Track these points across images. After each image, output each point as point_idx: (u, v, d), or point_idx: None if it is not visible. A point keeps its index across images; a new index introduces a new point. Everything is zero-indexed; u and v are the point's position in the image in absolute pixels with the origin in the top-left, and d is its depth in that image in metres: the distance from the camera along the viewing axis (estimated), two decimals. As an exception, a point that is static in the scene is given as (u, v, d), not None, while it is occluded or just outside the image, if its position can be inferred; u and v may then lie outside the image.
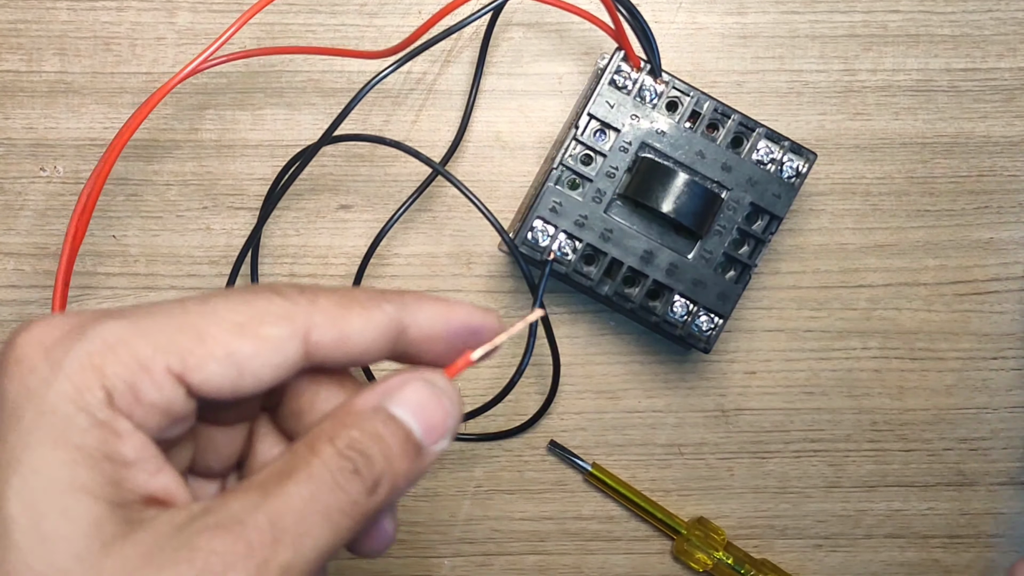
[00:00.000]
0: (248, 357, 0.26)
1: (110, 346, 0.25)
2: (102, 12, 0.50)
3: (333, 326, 0.28)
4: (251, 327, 0.27)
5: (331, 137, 0.46)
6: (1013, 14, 0.50)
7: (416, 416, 0.28)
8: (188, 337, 0.26)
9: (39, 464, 0.24)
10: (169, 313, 0.26)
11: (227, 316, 0.27)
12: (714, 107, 0.45)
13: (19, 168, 0.50)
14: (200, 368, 0.26)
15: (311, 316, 0.27)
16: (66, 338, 0.26)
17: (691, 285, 0.45)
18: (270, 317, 0.27)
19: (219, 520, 0.25)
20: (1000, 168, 0.50)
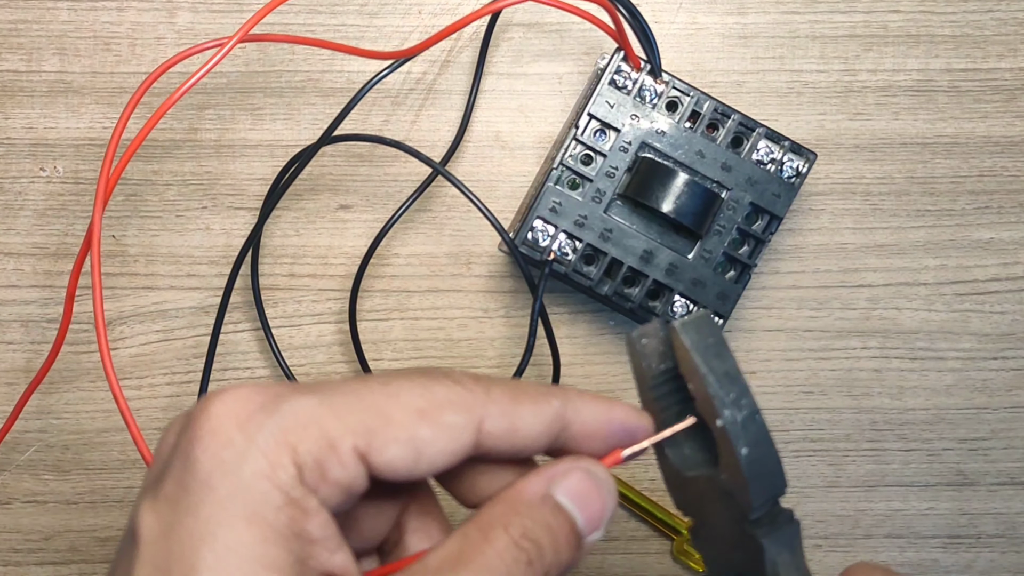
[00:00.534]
0: (427, 442, 0.27)
1: (302, 423, 0.26)
2: (102, 12, 0.50)
3: (505, 417, 0.28)
4: (432, 413, 0.27)
5: (331, 137, 0.46)
6: (1014, 14, 0.50)
7: (579, 507, 0.29)
8: (374, 418, 0.27)
9: (233, 540, 0.25)
10: (355, 393, 0.27)
11: (410, 401, 0.27)
12: (714, 107, 0.45)
13: (19, 168, 0.50)
14: (383, 450, 0.27)
15: (486, 406, 0.28)
16: (260, 412, 0.26)
17: (691, 285, 0.45)
18: (450, 405, 0.27)
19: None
20: (1000, 168, 0.50)
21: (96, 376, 0.50)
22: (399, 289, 0.50)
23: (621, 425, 0.30)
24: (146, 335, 0.50)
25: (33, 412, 0.50)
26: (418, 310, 0.50)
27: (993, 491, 0.51)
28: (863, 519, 0.51)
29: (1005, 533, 0.51)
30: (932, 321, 0.51)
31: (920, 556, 0.51)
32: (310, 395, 0.27)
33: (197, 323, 0.50)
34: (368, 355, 0.50)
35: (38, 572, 0.50)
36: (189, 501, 0.25)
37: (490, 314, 0.50)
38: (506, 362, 0.50)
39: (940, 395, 0.51)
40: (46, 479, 0.50)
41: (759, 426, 0.29)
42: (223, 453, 0.25)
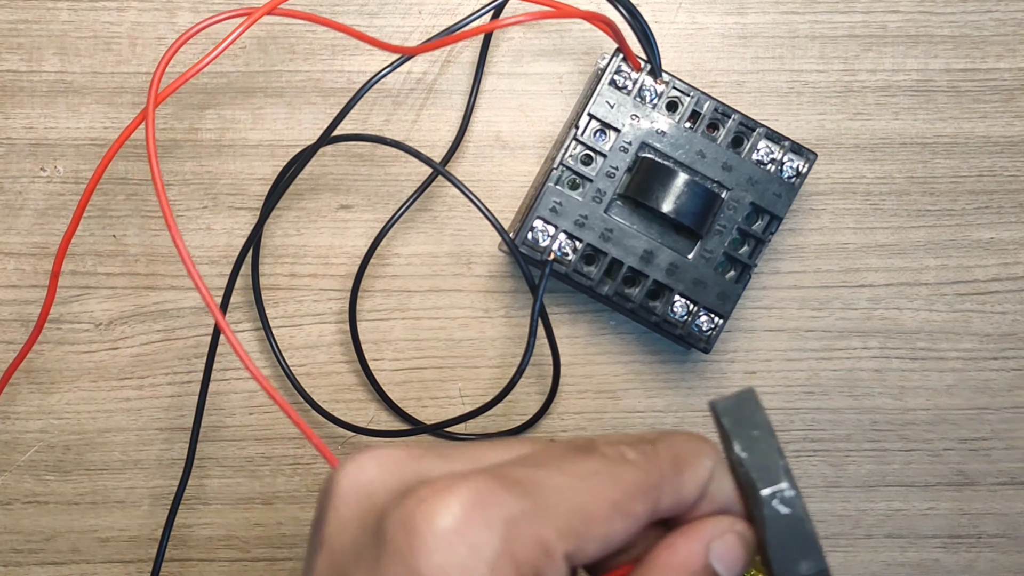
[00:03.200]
0: (618, 534, 0.27)
1: (523, 533, 0.26)
2: (102, 12, 0.50)
3: (675, 493, 0.29)
4: (624, 505, 0.27)
5: (331, 137, 0.46)
6: (1013, 15, 0.50)
7: (729, 570, 0.29)
8: (580, 520, 0.27)
9: None
10: (561, 492, 0.27)
11: (606, 494, 0.27)
12: (714, 107, 0.45)
13: (19, 168, 0.50)
14: (584, 550, 0.27)
15: (660, 484, 0.28)
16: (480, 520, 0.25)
17: (691, 285, 0.45)
18: (637, 494, 0.28)
19: None
20: (1000, 168, 0.50)
21: (97, 376, 0.50)
22: (400, 289, 0.50)
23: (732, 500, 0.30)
24: (147, 335, 0.50)
25: (34, 412, 0.50)
26: (419, 310, 0.50)
27: (994, 491, 0.51)
28: (864, 519, 0.51)
29: (1006, 533, 0.51)
30: (933, 321, 0.51)
31: (921, 556, 0.51)
32: (522, 497, 0.26)
33: (198, 323, 0.50)
34: (369, 355, 0.50)
35: (39, 573, 0.50)
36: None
37: (491, 314, 0.50)
38: (506, 362, 0.50)
39: (941, 395, 0.51)
40: (47, 480, 0.50)
41: (791, 516, 0.29)
42: (448, 560, 0.25)
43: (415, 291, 0.50)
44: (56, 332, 0.50)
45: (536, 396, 0.50)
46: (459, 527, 0.25)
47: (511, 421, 0.50)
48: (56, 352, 0.50)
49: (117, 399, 0.50)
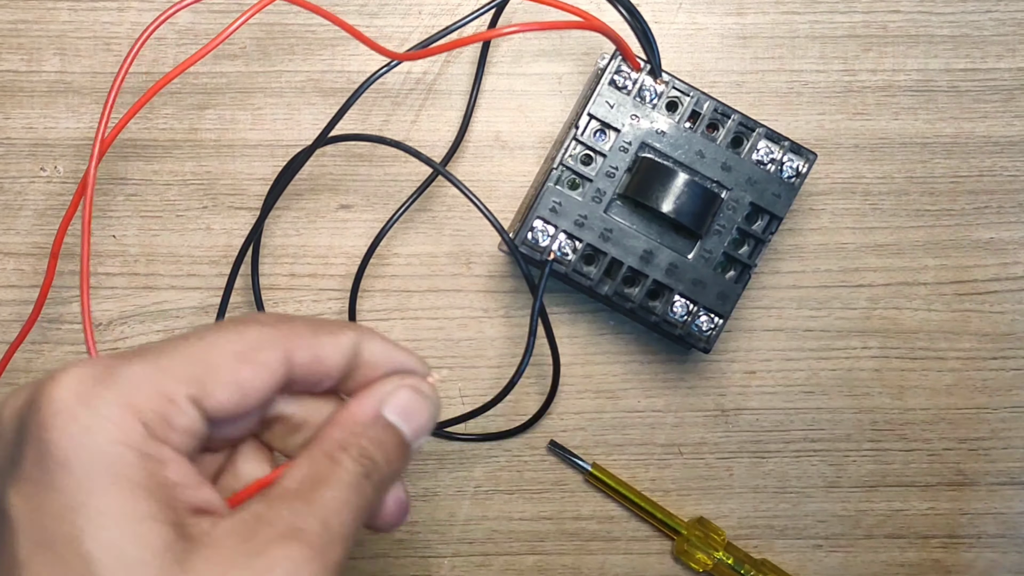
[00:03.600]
0: (248, 380, 0.30)
1: (138, 386, 0.29)
2: (102, 12, 0.50)
3: (309, 349, 0.32)
4: (249, 355, 0.30)
5: (328, 138, 0.46)
6: (1013, 15, 0.50)
7: (406, 420, 0.33)
8: (200, 369, 0.30)
9: (103, 504, 0.27)
10: (179, 350, 0.30)
11: (227, 347, 0.30)
12: (714, 107, 0.45)
13: (19, 168, 0.50)
14: (213, 394, 0.30)
15: (291, 340, 0.31)
16: (98, 385, 0.28)
17: (691, 285, 0.45)
18: (263, 344, 0.31)
19: (281, 530, 0.28)
20: (1000, 168, 0.50)
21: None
22: (399, 289, 0.50)
23: (402, 365, 0.34)
24: (147, 335, 0.50)
25: None
26: (418, 310, 0.50)
27: (993, 491, 0.51)
28: (864, 519, 0.51)
29: (1006, 533, 0.51)
30: (932, 321, 0.51)
31: (920, 556, 0.51)
32: (139, 360, 0.29)
33: (198, 323, 0.50)
34: (368, 355, 0.50)
35: (38, 572, 0.50)
36: (51, 479, 0.27)
37: (490, 314, 0.50)
38: (506, 362, 0.50)
39: (940, 395, 0.51)
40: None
41: None
42: (72, 429, 0.27)
43: (414, 291, 0.50)
44: (56, 332, 0.50)
45: (536, 396, 0.50)
46: (76, 393, 0.28)
47: (511, 421, 0.50)
48: (56, 352, 0.50)
49: (117, 399, 0.50)
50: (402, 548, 0.50)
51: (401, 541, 0.50)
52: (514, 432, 0.50)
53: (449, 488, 0.50)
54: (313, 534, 0.29)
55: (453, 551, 0.50)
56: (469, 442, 0.50)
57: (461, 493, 0.50)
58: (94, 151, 0.42)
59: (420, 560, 0.50)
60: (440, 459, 0.50)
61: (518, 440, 0.51)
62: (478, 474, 0.50)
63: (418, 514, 0.50)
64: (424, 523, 0.50)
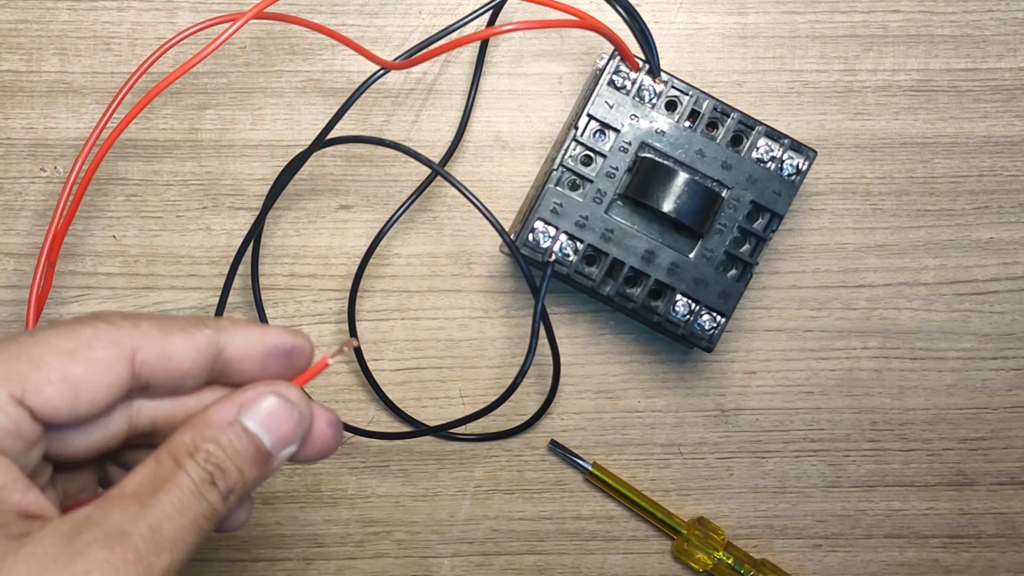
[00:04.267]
0: (81, 378, 0.29)
1: None
2: (102, 12, 0.50)
3: (156, 347, 0.30)
4: (81, 352, 0.29)
5: (327, 140, 0.46)
6: (1013, 14, 0.50)
7: (267, 428, 0.31)
8: (25, 366, 0.29)
9: None
10: (4, 347, 0.29)
11: (58, 344, 0.29)
12: (713, 106, 0.45)
13: (19, 168, 0.50)
14: (38, 392, 0.28)
15: (135, 338, 0.30)
16: None
17: (693, 284, 0.45)
18: (98, 341, 0.29)
19: (106, 532, 0.27)
20: (1000, 168, 0.50)
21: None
22: (399, 289, 0.50)
23: (275, 346, 0.33)
24: (146, 335, 0.50)
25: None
26: (418, 310, 0.50)
27: (993, 491, 0.51)
28: (863, 519, 0.51)
29: (1005, 533, 0.51)
30: (932, 321, 0.51)
31: (920, 556, 0.51)
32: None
33: (197, 323, 0.50)
34: (369, 355, 0.50)
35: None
36: None
37: (490, 314, 0.50)
38: (507, 362, 0.50)
39: (940, 395, 0.51)
40: (46, 479, 0.50)
41: None
42: None
43: (415, 291, 0.50)
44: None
45: (536, 396, 0.50)
46: None
47: (511, 421, 0.50)
48: (56, 352, 0.50)
49: (117, 399, 0.50)
50: (402, 548, 0.50)
51: (401, 541, 0.50)
52: (514, 432, 0.50)
53: (449, 488, 0.50)
54: (139, 538, 0.28)
55: (453, 551, 0.50)
56: (469, 442, 0.50)
57: (461, 493, 0.50)
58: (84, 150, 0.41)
59: (420, 560, 0.50)
60: (440, 459, 0.50)
61: (518, 440, 0.51)
62: (478, 474, 0.50)
63: (418, 514, 0.50)
64: (424, 523, 0.50)
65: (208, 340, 0.31)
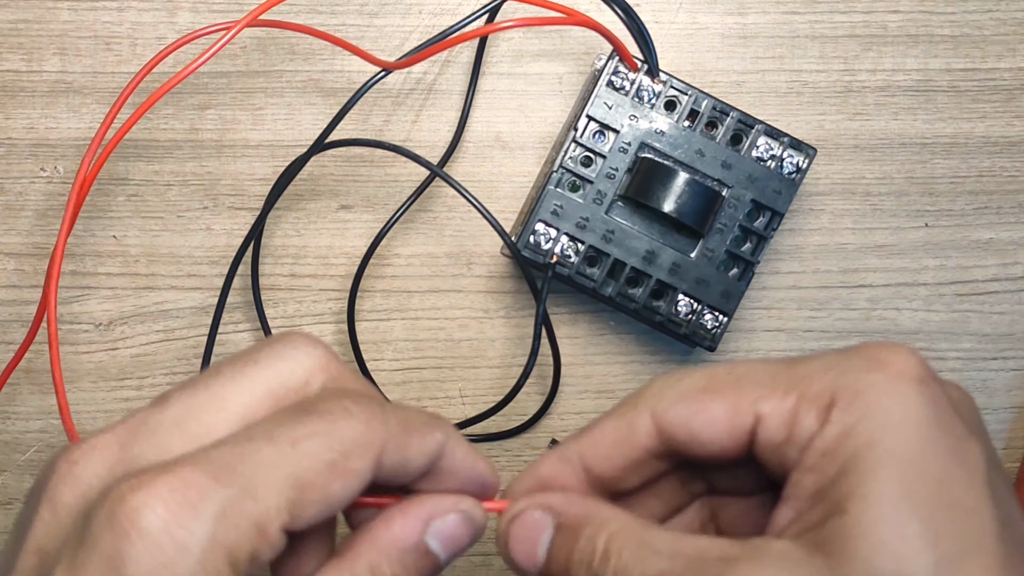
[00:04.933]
0: (339, 493, 0.28)
1: (231, 519, 0.26)
2: (103, 12, 0.50)
3: (399, 452, 0.29)
4: (341, 464, 0.27)
5: (325, 143, 0.46)
6: (1013, 14, 0.50)
7: (447, 546, 0.30)
8: (294, 491, 0.27)
9: None
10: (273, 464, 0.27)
11: (321, 456, 0.27)
12: (712, 105, 0.45)
13: (19, 168, 0.50)
14: (303, 515, 0.27)
15: (386, 441, 0.28)
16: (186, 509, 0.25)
17: (694, 284, 0.45)
18: (356, 449, 0.28)
19: None
20: (1000, 168, 0.51)
21: (97, 376, 0.50)
22: (400, 289, 0.50)
23: (481, 475, 0.32)
24: (147, 335, 0.50)
25: (34, 412, 0.50)
26: (419, 310, 0.50)
27: (993, 491, 0.51)
28: (863, 519, 0.51)
29: (1005, 533, 0.51)
30: (932, 321, 0.51)
31: (920, 556, 0.51)
32: (230, 482, 0.26)
33: (198, 323, 0.50)
34: (368, 355, 0.50)
35: (38, 573, 0.50)
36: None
37: (491, 314, 0.50)
38: (507, 362, 0.50)
39: (940, 395, 0.51)
40: (46, 479, 0.50)
41: None
42: (156, 556, 0.25)
43: (415, 291, 0.50)
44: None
45: (536, 396, 0.50)
46: (164, 526, 0.25)
47: (511, 421, 0.50)
48: (56, 352, 0.50)
49: (117, 399, 0.50)
50: (402, 548, 0.50)
51: (401, 541, 0.50)
52: (514, 432, 0.50)
53: (449, 488, 0.50)
54: None
55: (453, 551, 0.50)
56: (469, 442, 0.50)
57: (461, 493, 0.50)
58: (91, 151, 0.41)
59: (420, 560, 0.50)
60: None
61: (518, 440, 0.51)
62: (478, 474, 0.50)
63: (418, 514, 0.50)
64: (424, 523, 0.50)
65: (439, 447, 0.30)
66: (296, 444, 0.27)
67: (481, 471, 0.32)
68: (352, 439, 0.28)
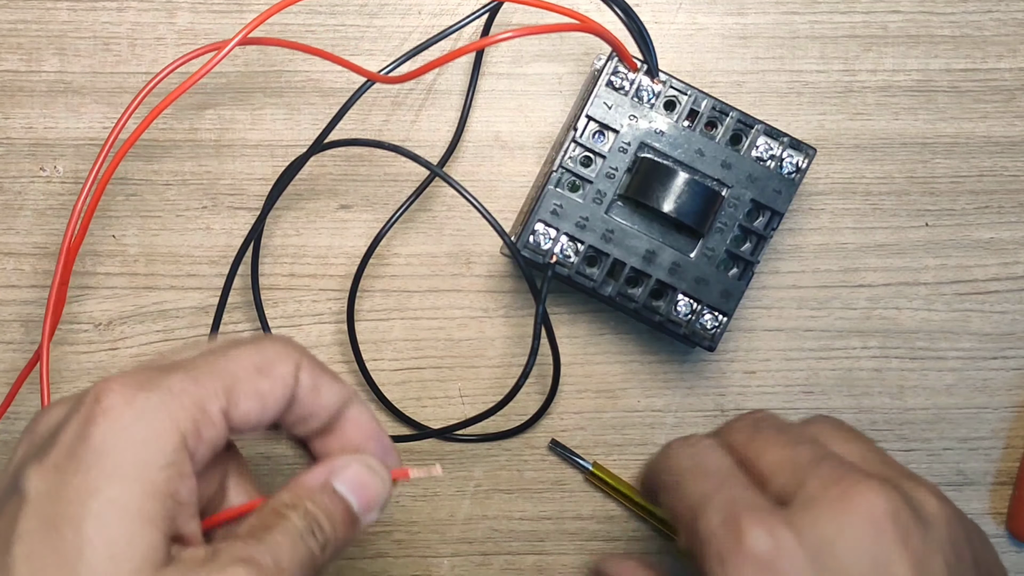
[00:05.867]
0: (268, 392, 0.33)
1: (177, 396, 0.31)
2: (102, 12, 0.50)
3: (313, 376, 0.34)
4: (267, 368, 0.33)
5: (324, 144, 0.46)
6: (1013, 15, 0.50)
7: (356, 494, 0.34)
8: (228, 381, 0.32)
9: (118, 494, 0.29)
10: (208, 363, 0.32)
11: (249, 360, 0.33)
12: (712, 105, 0.45)
13: (19, 168, 0.50)
14: (238, 405, 0.32)
15: (301, 358, 0.34)
16: (142, 391, 0.31)
17: (694, 283, 0.45)
18: (278, 358, 0.34)
19: (238, 556, 0.30)
20: (1000, 168, 0.50)
21: (96, 376, 0.50)
22: (399, 289, 0.50)
23: (382, 439, 0.37)
24: (147, 335, 0.50)
25: (33, 413, 0.50)
26: (418, 310, 0.50)
27: (993, 491, 0.51)
28: (863, 519, 0.51)
29: (1005, 533, 0.51)
30: (932, 321, 0.51)
31: (920, 556, 0.51)
32: (178, 371, 0.32)
33: (198, 323, 0.50)
34: (368, 355, 0.50)
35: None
36: (79, 465, 0.29)
37: (490, 314, 0.50)
38: (506, 362, 0.50)
39: (940, 395, 0.51)
40: (46, 479, 0.50)
41: None
42: (115, 426, 0.30)
43: (414, 291, 0.50)
44: (56, 333, 0.50)
45: (536, 396, 0.50)
46: (123, 397, 0.30)
47: (510, 421, 0.50)
48: (56, 352, 0.50)
49: (117, 399, 0.50)
50: (402, 548, 0.50)
51: (401, 541, 0.50)
52: (514, 432, 0.50)
53: (449, 488, 0.50)
54: (266, 564, 0.31)
55: (453, 551, 0.50)
56: (469, 442, 0.50)
57: (461, 493, 0.50)
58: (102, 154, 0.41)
59: (420, 560, 0.50)
60: (440, 459, 0.50)
61: (518, 440, 0.51)
62: (478, 474, 0.50)
63: (418, 514, 0.50)
64: (424, 523, 0.50)
65: (345, 396, 0.35)
66: (228, 353, 0.33)
67: (382, 435, 0.36)
68: (275, 351, 0.34)
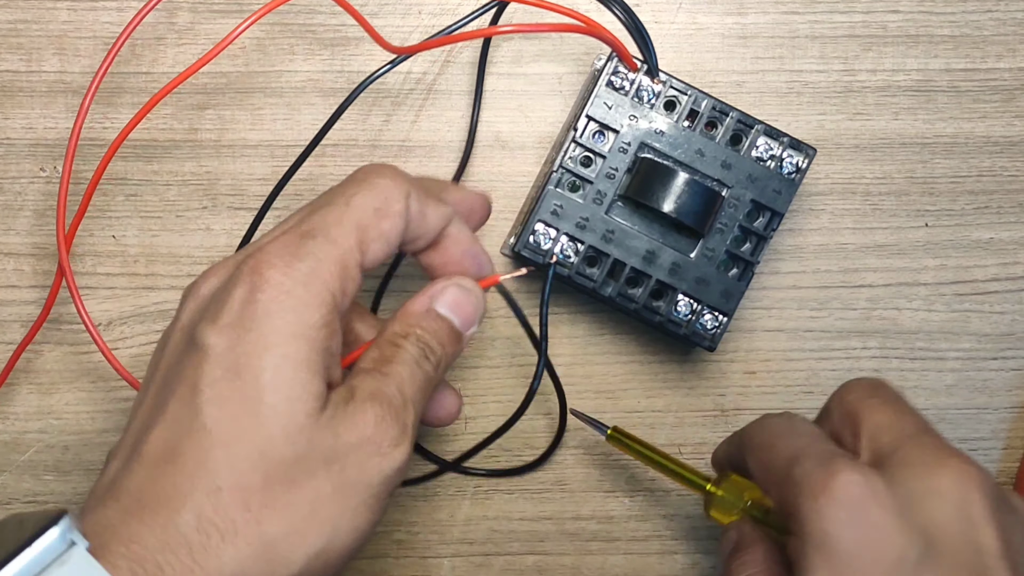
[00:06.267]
0: (389, 231, 0.36)
1: (323, 261, 0.35)
2: (102, 12, 0.50)
3: (420, 202, 0.37)
4: (384, 208, 0.36)
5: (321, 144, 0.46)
6: (1013, 15, 0.50)
7: (455, 312, 0.39)
8: (359, 234, 0.36)
9: (289, 350, 0.33)
10: (340, 220, 0.36)
11: (369, 204, 0.36)
12: (712, 105, 0.45)
13: (19, 168, 0.50)
14: (368, 252, 0.36)
15: (411, 190, 0.37)
16: (296, 260, 0.34)
17: (694, 284, 0.45)
18: (392, 194, 0.36)
19: (370, 393, 0.35)
20: (1000, 168, 0.51)
21: (96, 376, 0.50)
22: (399, 289, 0.50)
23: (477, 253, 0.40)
24: (146, 335, 0.50)
25: (33, 412, 0.50)
26: (418, 310, 0.50)
27: (993, 491, 0.51)
28: (863, 519, 0.51)
29: (1005, 533, 0.51)
30: (932, 321, 0.51)
31: (920, 556, 0.51)
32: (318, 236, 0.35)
33: (197, 323, 0.50)
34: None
35: (38, 573, 0.50)
36: (251, 325, 0.33)
37: (490, 314, 0.50)
38: (507, 361, 0.50)
39: (940, 395, 0.51)
40: (46, 479, 0.50)
41: None
42: (278, 294, 0.34)
43: (414, 291, 0.50)
44: (56, 332, 0.50)
45: (537, 396, 0.50)
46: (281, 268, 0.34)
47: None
48: (56, 352, 0.50)
49: (117, 399, 0.50)
50: (402, 548, 0.50)
51: (401, 541, 0.50)
52: (523, 470, 0.50)
53: (449, 488, 0.50)
54: (394, 398, 0.35)
55: (453, 551, 0.50)
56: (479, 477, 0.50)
57: (461, 493, 0.50)
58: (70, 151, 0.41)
59: (420, 560, 0.50)
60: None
61: (518, 440, 0.51)
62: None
63: (418, 514, 0.50)
64: (424, 523, 0.50)
65: (448, 216, 0.39)
66: (349, 201, 0.36)
67: (477, 250, 0.40)
68: (387, 188, 0.36)
